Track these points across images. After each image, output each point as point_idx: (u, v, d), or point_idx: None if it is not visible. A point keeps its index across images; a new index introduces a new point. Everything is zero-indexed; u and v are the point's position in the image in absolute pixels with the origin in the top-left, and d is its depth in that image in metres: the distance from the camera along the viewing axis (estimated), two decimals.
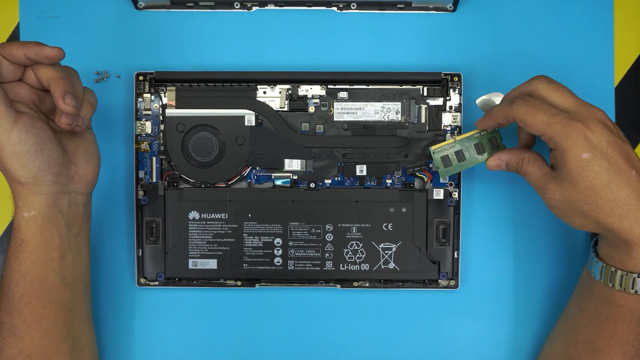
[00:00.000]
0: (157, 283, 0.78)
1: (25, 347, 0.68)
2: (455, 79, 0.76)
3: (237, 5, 0.79)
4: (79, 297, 0.72)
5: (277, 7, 0.79)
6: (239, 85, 0.77)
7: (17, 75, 0.66)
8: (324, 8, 0.80)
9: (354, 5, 0.79)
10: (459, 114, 0.77)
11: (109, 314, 0.79)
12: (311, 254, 0.77)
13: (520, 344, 0.79)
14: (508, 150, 0.69)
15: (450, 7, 0.79)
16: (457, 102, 0.77)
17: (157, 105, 0.77)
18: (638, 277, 0.63)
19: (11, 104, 0.63)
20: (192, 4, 0.79)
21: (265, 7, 0.79)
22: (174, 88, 0.77)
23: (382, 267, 0.77)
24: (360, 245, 0.77)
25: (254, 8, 0.79)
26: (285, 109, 0.77)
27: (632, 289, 0.63)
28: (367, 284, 0.78)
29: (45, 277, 0.68)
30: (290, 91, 0.77)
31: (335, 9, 0.79)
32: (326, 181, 0.78)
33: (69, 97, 0.64)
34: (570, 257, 0.79)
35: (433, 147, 0.71)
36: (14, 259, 0.67)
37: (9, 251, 0.67)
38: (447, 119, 0.77)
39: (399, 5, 0.79)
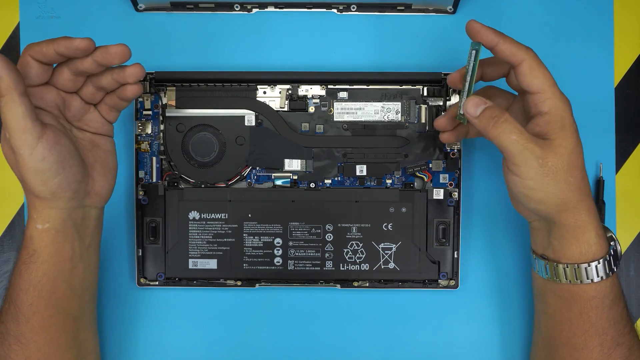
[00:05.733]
0: (157, 283, 0.78)
1: (31, 355, 0.67)
2: None
3: (237, 7, 0.79)
4: (86, 306, 0.72)
5: (277, 9, 0.79)
6: (239, 85, 0.77)
7: (46, 77, 0.64)
8: (324, 10, 0.80)
9: (354, 7, 0.79)
10: None
11: (109, 314, 0.79)
12: (311, 254, 0.77)
13: (520, 344, 0.79)
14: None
15: (450, 9, 0.79)
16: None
17: (157, 105, 0.77)
18: (598, 262, 0.65)
19: (37, 116, 0.61)
20: (192, 6, 0.79)
21: (265, 9, 0.79)
22: (174, 88, 0.77)
23: (382, 267, 0.77)
24: (360, 245, 0.77)
25: (254, 10, 0.79)
26: (285, 109, 0.77)
27: (598, 276, 0.65)
28: (367, 284, 0.78)
29: (56, 287, 0.67)
30: (290, 91, 0.77)
31: (335, 10, 0.80)
32: (326, 181, 0.77)
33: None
34: None
35: (457, 115, 0.68)
36: (25, 269, 0.66)
37: (20, 260, 0.67)
38: None
39: (399, 7, 0.79)
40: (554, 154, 0.61)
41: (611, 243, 0.66)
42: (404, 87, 0.77)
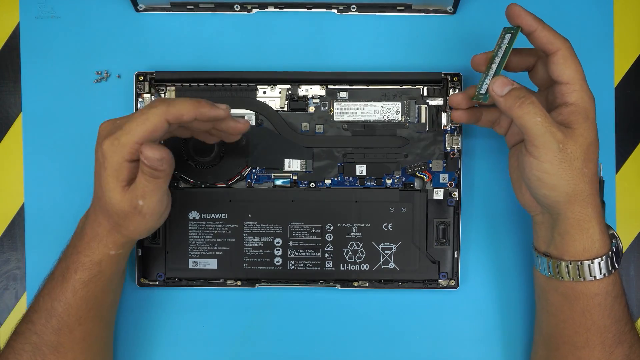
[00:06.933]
0: (157, 283, 0.78)
1: None
2: (455, 79, 0.76)
3: (237, 7, 0.79)
4: (115, 311, 0.74)
5: (277, 10, 0.79)
6: (239, 85, 0.77)
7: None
8: (324, 10, 0.80)
9: (354, 8, 0.79)
10: None
11: None
12: (311, 254, 0.77)
13: (521, 344, 0.79)
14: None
15: (450, 10, 0.79)
16: None
17: None
18: (601, 259, 0.64)
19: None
20: (192, 7, 0.79)
21: (265, 10, 0.79)
22: (174, 88, 0.77)
23: (382, 267, 0.77)
24: (360, 245, 0.77)
25: (254, 10, 0.79)
26: (285, 109, 0.77)
27: (600, 273, 0.65)
28: (367, 284, 0.78)
29: (105, 299, 0.69)
30: (290, 91, 0.77)
31: (335, 11, 0.80)
32: (326, 181, 0.77)
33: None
34: None
35: (475, 95, 0.67)
36: (83, 287, 0.67)
37: (77, 279, 0.67)
38: (447, 119, 0.77)
39: (399, 7, 0.79)
40: (574, 142, 0.62)
41: (613, 240, 0.66)
42: (404, 87, 0.77)
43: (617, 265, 0.66)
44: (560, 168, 0.62)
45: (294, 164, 0.77)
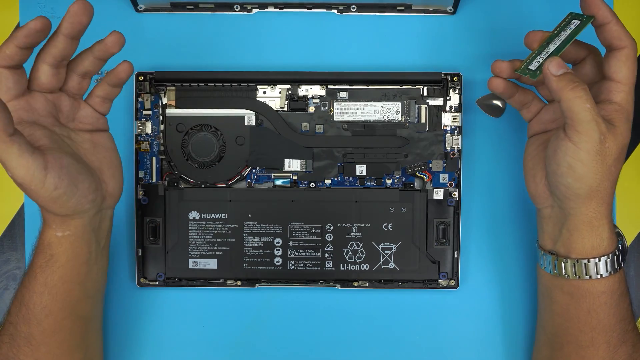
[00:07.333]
0: (157, 283, 0.78)
1: (40, 357, 0.67)
2: (455, 79, 0.77)
3: (237, 7, 0.79)
4: (96, 307, 0.72)
5: (277, 10, 0.79)
6: (239, 85, 0.77)
7: (24, 83, 0.61)
8: (324, 10, 0.80)
9: (354, 8, 0.79)
10: (458, 114, 0.77)
11: (109, 314, 0.79)
12: (311, 254, 0.77)
13: (521, 344, 0.79)
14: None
15: (450, 10, 0.79)
16: (457, 102, 0.77)
17: (157, 105, 0.77)
18: (608, 257, 0.64)
19: (33, 146, 0.58)
20: (192, 7, 0.79)
21: (265, 10, 0.79)
22: (174, 88, 0.77)
23: (382, 267, 0.77)
24: (360, 245, 0.77)
25: (254, 10, 0.79)
26: (285, 109, 0.77)
27: (607, 271, 0.64)
28: (367, 284, 0.78)
29: (71, 290, 0.67)
30: (290, 91, 0.77)
31: (335, 11, 0.80)
32: (326, 181, 0.77)
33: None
34: None
35: (521, 69, 0.66)
36: (41, 272, 0.65)
37: (35, 264, 0.66)
38: (447, 119, 0.77)
39: (399, 8, 0.79)
40: (614, 138, 0.61)
41: (618, 238, 0.66)
42: (404, 87, 0.77)
43: (622, 264, 0.65)
44: (594, 160, 0.61)
45: (294, 164, 0.77)
